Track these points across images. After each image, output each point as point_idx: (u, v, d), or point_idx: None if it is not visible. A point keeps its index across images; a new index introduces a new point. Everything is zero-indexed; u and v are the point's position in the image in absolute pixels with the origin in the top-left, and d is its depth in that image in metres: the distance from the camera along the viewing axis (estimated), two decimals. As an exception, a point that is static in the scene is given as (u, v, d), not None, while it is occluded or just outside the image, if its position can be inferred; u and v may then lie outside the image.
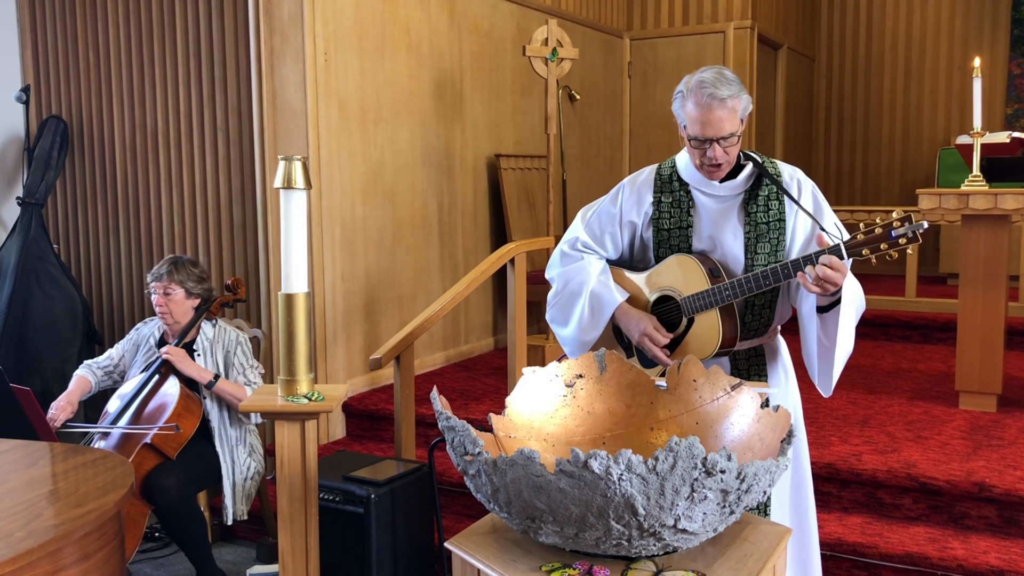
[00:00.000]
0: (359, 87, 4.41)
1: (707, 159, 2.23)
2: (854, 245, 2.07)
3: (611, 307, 2.37)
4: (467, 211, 5.29)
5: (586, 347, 2.43)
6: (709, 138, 2.19)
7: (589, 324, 2.40)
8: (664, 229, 2.37)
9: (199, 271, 3.53)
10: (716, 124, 2.17)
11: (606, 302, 2.37)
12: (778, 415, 1.78)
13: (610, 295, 2.37)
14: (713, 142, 2.19)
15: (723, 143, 2.20)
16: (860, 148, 8.62)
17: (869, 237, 2.06)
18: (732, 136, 2.20)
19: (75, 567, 1.74)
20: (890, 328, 5.70)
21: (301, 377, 2.24)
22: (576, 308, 2.42)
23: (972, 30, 8.10)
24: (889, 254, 2.06)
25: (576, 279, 2.44)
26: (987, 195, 3.79)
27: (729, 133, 2.18)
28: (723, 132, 2.18)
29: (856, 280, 2.26)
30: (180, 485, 3.23)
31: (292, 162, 2.20)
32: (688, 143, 2.26)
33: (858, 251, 2.07)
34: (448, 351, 5.19)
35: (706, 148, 2.21)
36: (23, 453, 2.25)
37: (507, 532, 1.75)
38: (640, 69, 7.11)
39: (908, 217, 2.03)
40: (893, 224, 2.03)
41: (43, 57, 4.97)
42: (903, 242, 2.03)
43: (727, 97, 2.15)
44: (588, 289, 2.39)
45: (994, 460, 3.32)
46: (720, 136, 2.18)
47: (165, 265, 3.47)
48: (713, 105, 2.15)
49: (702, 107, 2.17)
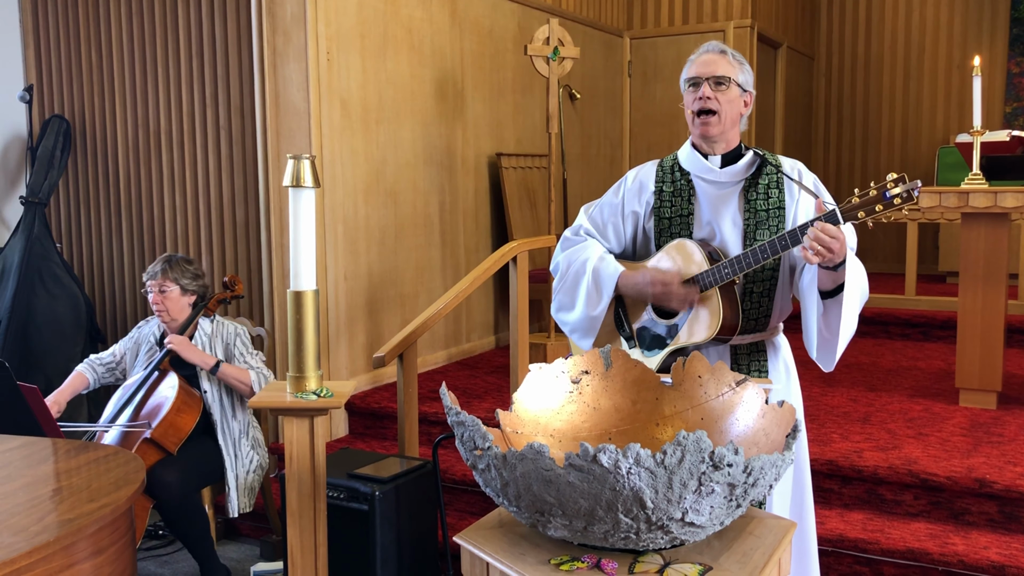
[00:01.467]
0: (361, 86, 4.43)
1: (699, 100, 2.26)
2: (849, 209, 2.08)
3: (614, 276, 2.36)
4: (469, 210, 5.31)
5: (594, 326, 2.41)
6: (701, 76, 2.24)
7: (594, 296, 2.38)
8: (665, 218, 2.39)
9: (193, 268, 3.56)
10: (711, 64, 2.26)
11: (609, 272, 2.37)
12: (783, 410, 1.80)
13: (612, 265, 2.38)
14: (704, 81, 2.24)
15: (715, 86, 2.24)
16: (859, 147, 8.65)
17: (864, 200, 2.07)
18: (725, 80, 2.24)
19: (88, 561, 1.76)
20: (890, 326, 5.73)
21: (310, 374, 2.26)
22: (581, 285, 2.41)
23: (971, 29, 8.12)
24: (885, 215, 2.07)
25: (579, 259, 2.44)
26: (987, 193, 3.81)
27: (722, 74, 2.24)
28: (716, 71, 2.24)
29: (860, 263, 2.27)
30: (181, 480, 3.25)
31: (301, 160, 2.22)
32: (684, 97, 2.32)
33: (853, 214, 2.08)
34: (450, 349, 5.21)
35: (698, 91, 2.26)
36: (32, 450, 2.27)
37: (515, 526, 1.77)
38: (640, 68, 7.13)
39: (902, 178, 2.04)
40: (887, 185, 2.05)
41: (46, 57, 4.98)
42: (898, 202, 2.03)
43: (726, 51, 2.27)
44: (591, 265, 2.40)
45: (994, 456, 3.34)
46: (713, 75, 2.23)
47: (159, 263, 3.50)
48: (711, 51, 2.28)
49: (700, 54, 2.29)
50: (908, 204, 2.04)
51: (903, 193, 2.03)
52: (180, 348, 3.40)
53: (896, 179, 2.04)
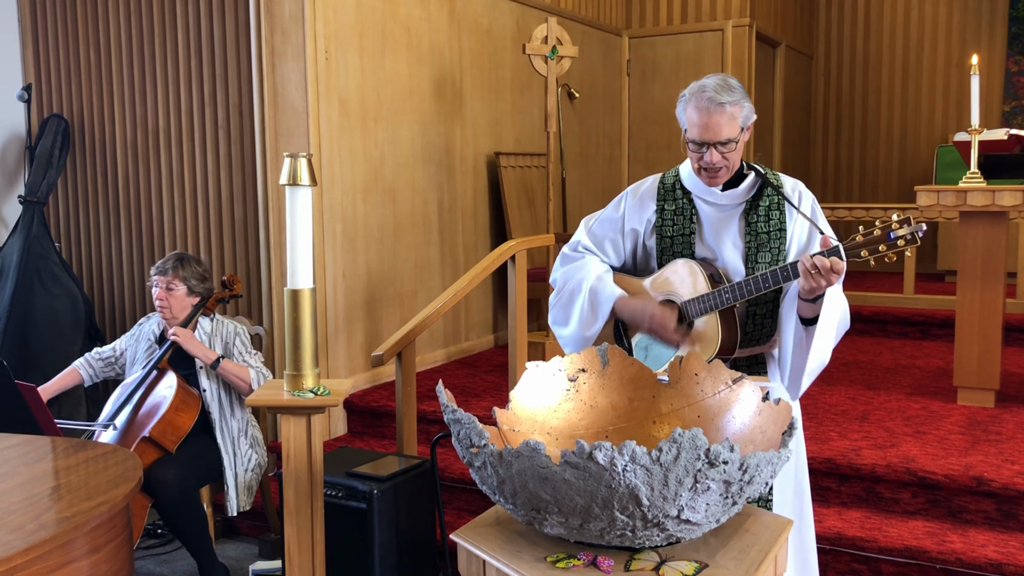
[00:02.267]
0: (360, 85, 4.43)
1: (705, 163, 2.25)
2: (853, 247, 2.09)
3: (610, 300, 2.37)
4: (467, 209, 5.31)
5: (588, 344, 2.44)
6: (707, 142, 2.21)
7: (589, 318, 2.40)
8: (667, 236, 2.39)
9: (202, 270, 3.57)
10: (714, 128, 2.19)
11: (605, 295, 2.38)
12: (779, 408, 1.81)
13: (610, 288, 2.39)
14: (710, 146, 2.22)
15: (721, 148, 2.22)
16: (858, 145, 8.65)
17: (868, 239, 2.08)
18: (730, 142, 2.22)
19: (85, 559, 1.76)
20: (888, 325, 5.73)
21: (307, 372, 2.26)
22: (576, 305, 2.43)
23: (970, 27, 8.12)
24: (888, 256, 2.08)
25: (575, 277, 2.46)
26: (985, 192, 3.81)
27: (727, 138, 2.21)
28: (720, 137, 2.20)
29: (844, 298, 2.28)
30: (180, 479, 3.25)
31: (298, 159, 2.22)
32: (688, 148, 2.29)
33: (857, 252, 2.09)
34: (449, 348, 5.21)
35: (704, 152, 2.23)
36: (30, 448, 2.27)
37: (512, 524, 1.77)
38: (639, 67, 7.13)
39: (907, 219, 2.04)
40: (892, 226, 2.05)
41: (44, 56, 4.98)
42: (902, 244, 2.04)
43: (727, 103, 2.18)
44: (587, 285, 2.41)
45: (992, 455, 3.35)
46: (717, 140, 2.20)
47: (170, 261, 3.50)
48: (712, 109, 2.18)
49: (701, 111, 2.20)
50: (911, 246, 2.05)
51: (907, 235, 2.03)
52: (184, 340, 3.41)
53: (901, 220, 2.04)
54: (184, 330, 3.43)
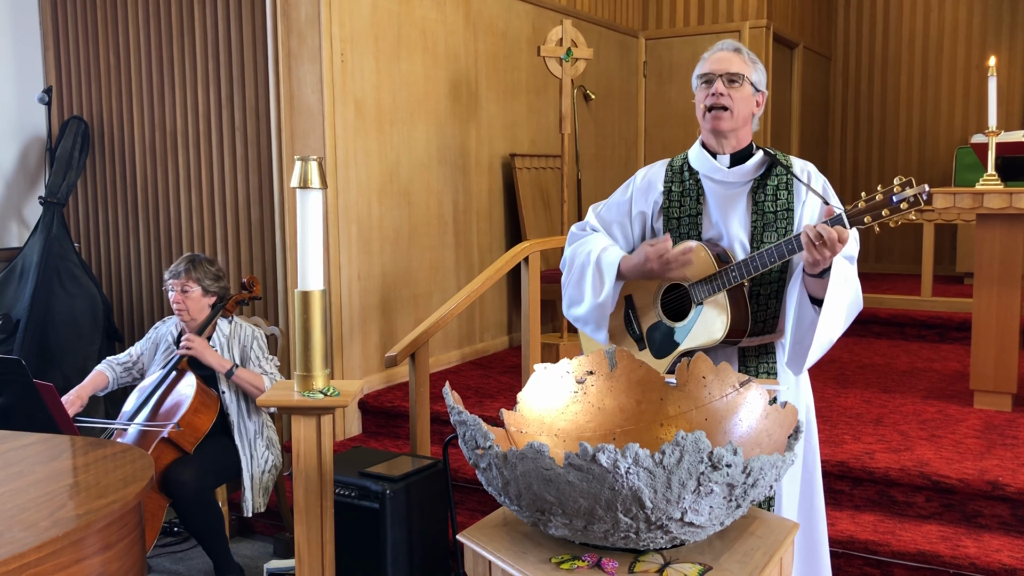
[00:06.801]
0: (375, 87, 4.46)
1: (710, 99, 2.27)
2: (856, 213, 2.06)
3: (615, 263, 2.35)
4: (482, 210, 5.33)
5: (604, 314, 2.40)
6: (715, 72, 2.25)
7: (599, 285, 2.38)
8: (674, 218, 2.39)
9: (216, 269, 3.59)
10: (724, 62, 2.28)
11: (610, 260, 2.37)
12: (785, 411, 1.81)
13: (614, 253, 2.38)
14: (718, 78, 2.26)
15: (728, 82, 2.25)
16: (876, 147, 8.59)
17: (870, 204, 2.05)
18: (739, 77, 2.26)
19: (97, 556, 1.79)
20: (906, 327, 5.69)
21: (317, 373, 2.28)
22: (587, 277, 2.42)
23: (989, 29, 8.05)
24: (891, 220, 2.04)
25: (583, 252, 2.45)
26: (1002, 194, 3.78)
27: (736, 71, 2.26)
28: (729, 69, 2.26)
29: (857, 279, 2.25)
30: (197, 479, 3.28)
31: (308, 162, 2.24)
32: (697, 94, 2.33)
33: (860, 219, 2.05)
34: (463, 349, 5.22)
35: (711, 87, 2.27)
36: (46, 446, 2.30)
37: (518, 525, 1.78)
38: (655, 68, 7.12)
39: (909, 182, 2.00)
40: (894, 189, 2.02)
41: (65, 59, 5.05)
42: (905, 206, 2.00)
43: (740, 49, 2.29)
44: (594, 256, 2.41)
45: (1008, 459, 3.32)
46: (727, 71, 2.24)
47: (183, 263, 3.53)
48: (725, 49, 2.30)
49: (713, 51, 2.32)
50: (916, 208, 2.01)
51: (910, 197, 2.00)
52: (197, 351, 3.43)
53: (903, 183, 2.01)
54: (197, 339, 3.44)
